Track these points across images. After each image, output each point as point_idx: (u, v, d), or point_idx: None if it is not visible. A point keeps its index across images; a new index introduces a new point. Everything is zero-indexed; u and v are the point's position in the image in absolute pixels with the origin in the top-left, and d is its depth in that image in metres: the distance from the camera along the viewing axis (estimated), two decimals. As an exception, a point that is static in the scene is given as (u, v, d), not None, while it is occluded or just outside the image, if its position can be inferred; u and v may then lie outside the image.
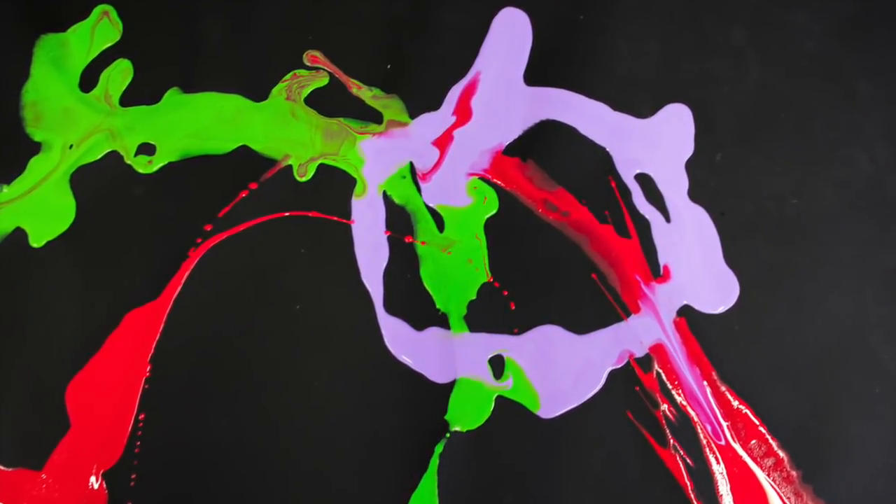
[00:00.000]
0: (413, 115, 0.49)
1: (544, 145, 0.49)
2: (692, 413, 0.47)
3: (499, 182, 0.49)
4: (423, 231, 0.48)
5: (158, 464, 0.46)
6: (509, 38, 0.49)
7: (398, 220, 0.48)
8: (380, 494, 0.46)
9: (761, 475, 0.47)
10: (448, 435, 0.47)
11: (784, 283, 0.48)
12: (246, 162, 0.48)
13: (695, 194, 0.48)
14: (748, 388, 0.47)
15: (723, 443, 0.47)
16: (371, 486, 0.46)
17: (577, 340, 0.48)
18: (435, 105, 0.49)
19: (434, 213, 0.48)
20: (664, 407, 0.47)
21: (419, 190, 0.48)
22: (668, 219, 0.48)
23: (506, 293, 0.48)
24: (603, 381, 0.47)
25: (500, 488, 0.47)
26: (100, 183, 0.47)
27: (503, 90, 0.49)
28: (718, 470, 0.47)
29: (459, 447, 0.47)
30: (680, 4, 0.50)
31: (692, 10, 0.50)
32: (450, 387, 0.48)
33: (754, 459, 0.47)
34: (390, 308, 0.48)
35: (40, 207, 0.46)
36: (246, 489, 0.46)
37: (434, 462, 0.47)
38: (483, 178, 0.49)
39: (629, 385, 0.47)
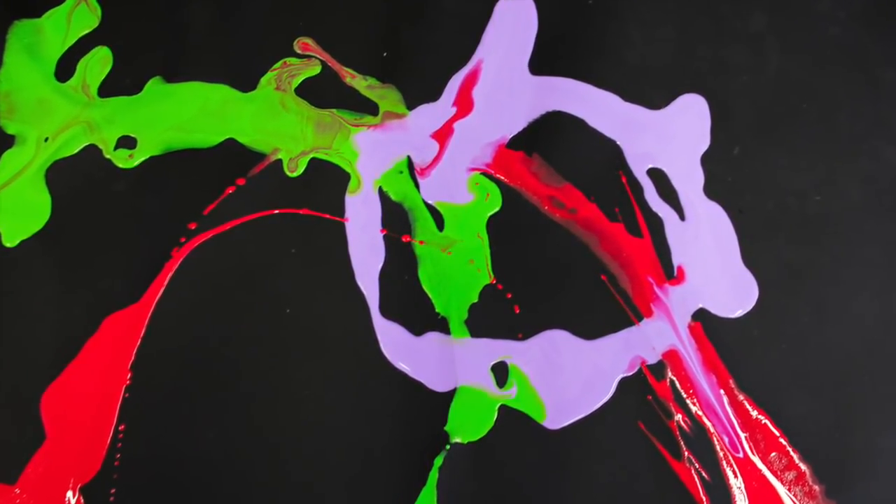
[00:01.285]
0: (411, 107, 0.49)
1: (551, 138, 0.48)
2: (708, 423, 0.46)
3: (502, 177, 0.48)
4: (422, 230, 0.48)
5: (139, 477, 0.45)
6: (513, 24, 0.49)
7: (395, 218, 0.48)
8: (375, 510, 0.45)
9: (782, 490, 0.46)
10: (448, 447, 0.46)
11: (806, 285, 0.47)
12: (233, 156, 0.47)
13: (711, 190, 0.47)
14: (768, 397, 0.46)
15: (741, 455, 0.46)
16: (366, 501, 0.45)
17: (586, 346, 0.47)
18: (434, 95, 0.49)
19: (433, 211, 0.48)
20: (678, 417, 0.46)
21: (417, 186, 0.48)
22: (682, 217, 0.48)
23: (510, 296, 0.47)
24: (613, 389, 0.47)
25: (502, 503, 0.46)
26: (77, 178, 0.47)
27: (507, 80, 0.49)
28: (736, 484, 0.46)
29: (460, 460, 0.46)
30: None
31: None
32: (450, 396, 0.47)
33: (774, 473, 0.46)
34: (387, 312, 0.47)
35: (14, 204, 0.45)
36: (233, 504, 0.44)
37: (433, 476, 0.46)
38: (485, 174, 0.48)
39: (641, 394, 0.46)
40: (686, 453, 0.46)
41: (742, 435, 0.46)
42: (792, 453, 0.46)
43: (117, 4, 0.48)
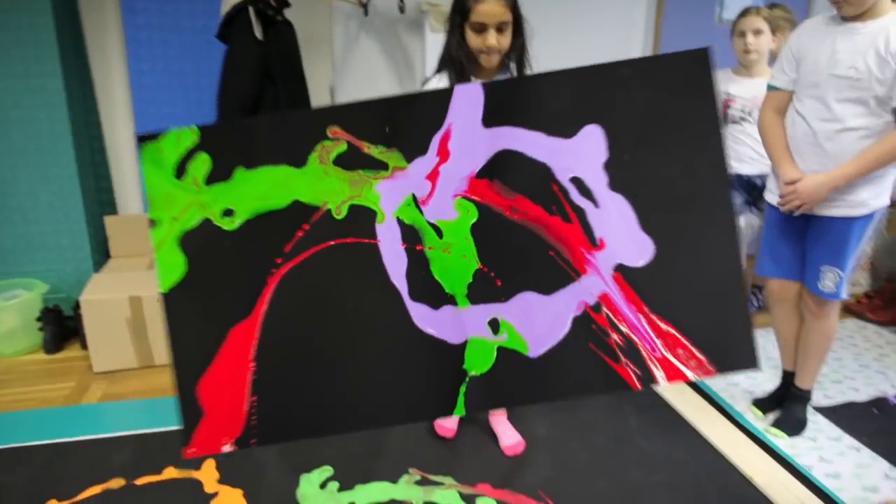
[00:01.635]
0: (409, 161, 0.64)
1: (503, 168, 0.64)
2: (635, 338, 0.64)
3: (476, 198, 0.65)
4: (429, 240, 0.65)
5: (270, 429, 0.64)
6: (468, 98, 0.64)
7: (410, 235, 0.64)
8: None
9: (689, 373, 0.64)
10: (468, 379, 0.65)
11: (684, 240, 0.64)
12: (299, 211, 0.64)
13: (614, 186, 0.64)
14: (671, 315, 0.64)
15: (659, 355, 0.64)
16: (418, 422, 0.63)
17: (547, 300, 0.65)
18: (424, 151, 0.64)
19: (434, 227, 0.65)
20: (614, 336, 0.65)
21: (422, 212, 0.64)
22: (597, 205, 0.64)
23: (493, 274, 0.65)
24: (569, 325, 0.65)
25: (508, 411, 0.62)
26: (199, 241, 0.63)
27: (469, 133, 0.64)
28: (659, 374, 0.64)
29: (477, 386, 0.64)
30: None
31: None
32: (464, 346, 0.65)
33: (682, 362, 0.64)
34: (414, 296, 0.64)
35: (161, 264, 0.64)
36: (329, 433, 0.62)
37: (461, 400, 0.64)
38: (465, 197, 0.64)
39: (588, 325, 0.65)
40: (623, 359, 0.64)
41: (658, 342, 0.64)
42: (692, 349, 0.64)
43: (208, 126, 0.65)
